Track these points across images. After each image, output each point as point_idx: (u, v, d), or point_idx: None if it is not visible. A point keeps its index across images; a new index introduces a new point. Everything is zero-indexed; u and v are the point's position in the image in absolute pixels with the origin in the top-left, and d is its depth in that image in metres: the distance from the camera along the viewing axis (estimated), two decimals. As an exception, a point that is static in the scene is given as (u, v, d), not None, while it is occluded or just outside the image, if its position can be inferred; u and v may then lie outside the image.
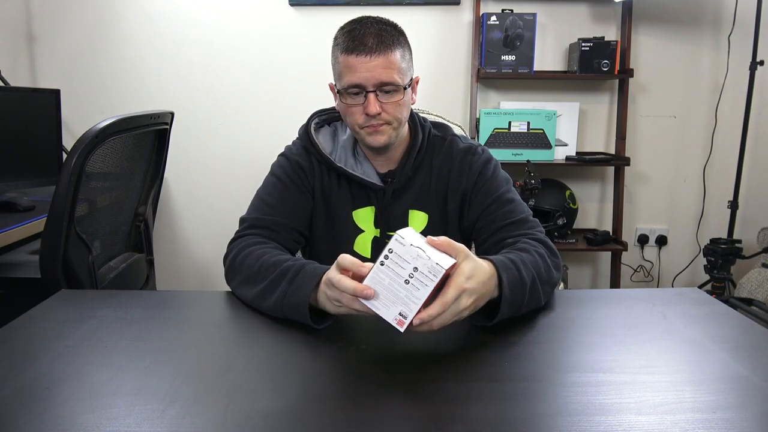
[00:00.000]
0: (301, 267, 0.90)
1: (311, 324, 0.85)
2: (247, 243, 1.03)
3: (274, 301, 0.89)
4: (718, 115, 2.55)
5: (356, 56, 1.01)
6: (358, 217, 1.16)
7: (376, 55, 1.01)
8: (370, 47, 1.00)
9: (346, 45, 1.02)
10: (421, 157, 1.15)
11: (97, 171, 1.35)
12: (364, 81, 1.02)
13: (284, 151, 1.18)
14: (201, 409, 0.64)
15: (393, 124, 1.07)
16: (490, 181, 1.13)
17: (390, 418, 0.63)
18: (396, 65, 1.03)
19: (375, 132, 1.06)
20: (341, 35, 1.04)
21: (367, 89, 1.02)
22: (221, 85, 2.53)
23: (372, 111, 1.03)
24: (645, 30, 2.52)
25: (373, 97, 1.03)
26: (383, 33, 1.02)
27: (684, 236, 2.71)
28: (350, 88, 1.03)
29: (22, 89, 2.25)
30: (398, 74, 1.03)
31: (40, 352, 0.78)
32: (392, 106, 1.05)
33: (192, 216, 2.66)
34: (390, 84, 1.03)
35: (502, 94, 2.57)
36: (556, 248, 1.04)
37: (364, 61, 1.01)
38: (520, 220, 1.08)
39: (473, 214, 1.14)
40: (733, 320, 0.91)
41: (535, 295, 0.91)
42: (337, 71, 1.06)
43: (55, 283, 1.25)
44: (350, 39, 1.02)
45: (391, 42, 1.02)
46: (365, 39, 1.01)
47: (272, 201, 1.11)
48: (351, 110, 1.06)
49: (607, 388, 0.69)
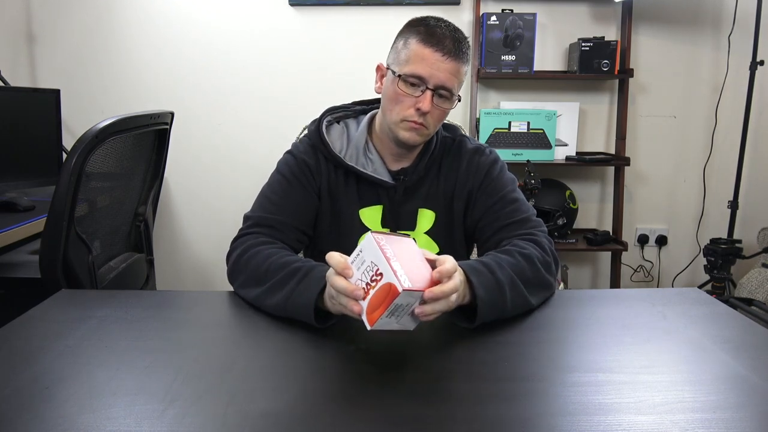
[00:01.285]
0: (311, 269, 0.90)
1: (314, 323, 0.85)
2: (253, 242, 1.03)
3: (279, 299, 0.89)
4: (718, 115, 2.55)
5: (433, 51, 1.02)
6: (365, 216, 1.16)
7: (451, 59, 1.02)
8: (449, 49, 1.02)
9: (425, 36, 1.03)
10: (434, 158, 1.16)
11: (97, 171, 1.35)
12: (430, 77, 1.03)
13: (291, 149, 1.18)
14: (201, 409, 0.64)
15: (431, 130, 1.09)
16: (496, 181, 1.14)
17: (390, 418, 0.63)
18: (461, 76, 1.06)
19: (414, 129, 1.07)
20: (421, 25, 1.05)
21: (428, 86, 1.03)
22: (221, 85, 2.53)
23: (426, 108, 1.03)
24: (645, 30, 2.52)
25: (430, 95, 1.04)
26: (462, 42, 1.04)
27: (684, 236, 2.71)
28: (412, 78, 1.04)
29: (22, 89, 2.25)
30: (458, 85, 1.06)
31: (40, 352, 0.78)
32: (440, 113, 1.07)
33: (192, 216, 2.66)
34: (449, 90, 1.05)
35: (502, 94, 2.57)
36: (552, 248, 1.04)
37: (438, 59, 1.02)
38: (522, 220, 1.09)
39: (477, 213, 1.14)
40: (733, 320, 0.91)
41: (518, 296, 0.91)
42: (405, 56, 1.05)
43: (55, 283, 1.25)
44: (431, 33, 1.03)
45: (466, 55, 1.05)
46: (445, 40, 1.02)
47: (277, 199, 1.11)
48: (401, 99, 1.06)
49: (607, 387, 0.69)
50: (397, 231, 1.16)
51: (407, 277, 0.72)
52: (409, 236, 0.85)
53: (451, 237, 1.18)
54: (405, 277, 0.72)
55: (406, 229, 1.16)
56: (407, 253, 0.78)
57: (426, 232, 1.17)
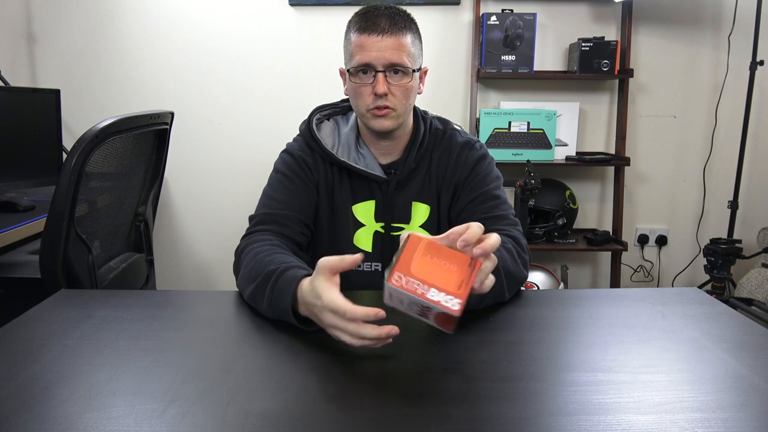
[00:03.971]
0: (282, 273, 0.86)
1: (304, 328, 0.83)
2: (252, 240, 1.03)
3: (265, 307, 0.88)
4: (718, 115, 2.55)
5: (368, 35, 1.03)
6: (358, 212, 1.17)
7: (388, 35, 1.03)
8: (383, 28, 1.03)
9: (359, 25, 1.05)
10: (423, 149, 1.17)
11: (97, 171, 1.35)
12: (375, 60, 1.04)
13: (286, 149, 1.18)
14: (201, 409, 0.64)
15: (398, 110, 1.08)
16: (481, 177, 1.15)
17: (390, 418, 0.63)
18: (407, 48, 1.05)
19: (381, 116, 1.08)
20: (355, 17, 1.07)
21: (377, 69, 1.04)
22: (221, 85, 2.53)
23: (380, 90, 1.04)
24: (645, 30, 2.52)
25: (382, 77, 1.05)
26: (396, 16, 1.05)
27: (684, 236, 2.71)
28: (360, 67, 1.05)
29: (22, 89, 2.25)
30: (408, 57, 1.05)
31: (40, 352, 0.78)
32: (399, 90, 1.06)
33: (192, 216, 2.66)
34: (399, 66, 1.05)
35: (502, 94, 2.57)
36: (527, 246, 1.06)
37: (376, 41, 1.03)
38: (499, 216, 1.10)
39: (459, 205, 1.16)
40: (733, 320, 0.91)
41: (501, 287, 0.91)
42: (349, 51, 1.08)
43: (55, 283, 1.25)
44: (364, 20, 1.05)
45: (403, 25, 1.05)
46: (378, 20, 1.04)
47: (279, 196, 1.11)
48: (359, 90, 1.07)
49: (607, 387, 0.69)
50: (391, 225, 1.17)
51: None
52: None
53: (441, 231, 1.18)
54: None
55: (401, 223, 1.17)
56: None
57: (421, 225, 1.18)
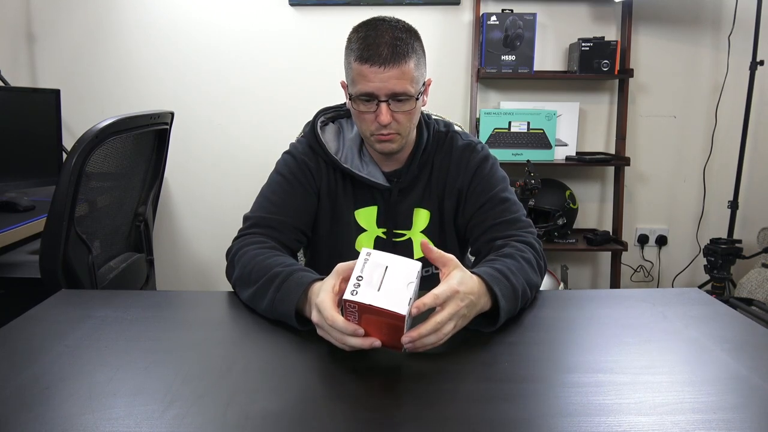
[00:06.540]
0: (289, 275, 0.89)
1: (301, 328, 0.85)
2: (247, 242, 1.03)
3: (265, 307, 0.89)
4: (718, 115, 2.55)
5: (369, 66, 0.99)
6: (360, 217, 1.16)
7: (390, 66, 0.98)
8: (385, 58, 0.98)
9: (359, 53, 1.00)
10: (426, 155, 1.16)
11: (97, 171, 1.35)
12: (377, 91, 1.01)
13: (290, 149, 1.17)
14: (201, 409, 0.64)
15: (403, 133, 1.07)
16: (486, 180, 1.13)
17: (390, 418, 0.63)
18: (409, 75, 1.01)
19: (385, 141, 1.06)
20: (355, 40, 1.01)
21: (380, 99, 1.01)
22: (221, 85, 2.53)
23: (384, 121, 1.02)
24: (645, 30, 2.52)
25: (386, 107, 1.02)
26: (398, 42, 0.99)
27: (684, 236, 2.71)
28: (363, 96, 1.02)
29: (22, 89, 2.25)
30: (411, 84, 1.02)
31: (40, 352, 0.78)
32: (403, 116, 1.04)
33: (192, 216, 2.66)
34: (403, 94, 1.01)
35: (502, 94, 2.57)
36: (542, 250, 1.05)
37: (377, 72, 0.99)
38: (511, 220, 1.09)
39: (468, 212, 1.14)
40: (733, 320, 0.91)
41: (526, 300, 0.93)
42: (350, 77, 1.04)
43: (55, 283, 1.25)
44: (364, 47, 0.99)
45: (405, 52, 1.00)
46: (379, 49, 0.98)
47: (277, 199, 1.11)
48: (362, 117, 1.05)
49: (607, 388, 0.69)
50: (393, 231, 1.17)
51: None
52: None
53: (444, 235, 1.18)
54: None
55: (403, 229, 1.17)
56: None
57: (422, 231, 1.17)
